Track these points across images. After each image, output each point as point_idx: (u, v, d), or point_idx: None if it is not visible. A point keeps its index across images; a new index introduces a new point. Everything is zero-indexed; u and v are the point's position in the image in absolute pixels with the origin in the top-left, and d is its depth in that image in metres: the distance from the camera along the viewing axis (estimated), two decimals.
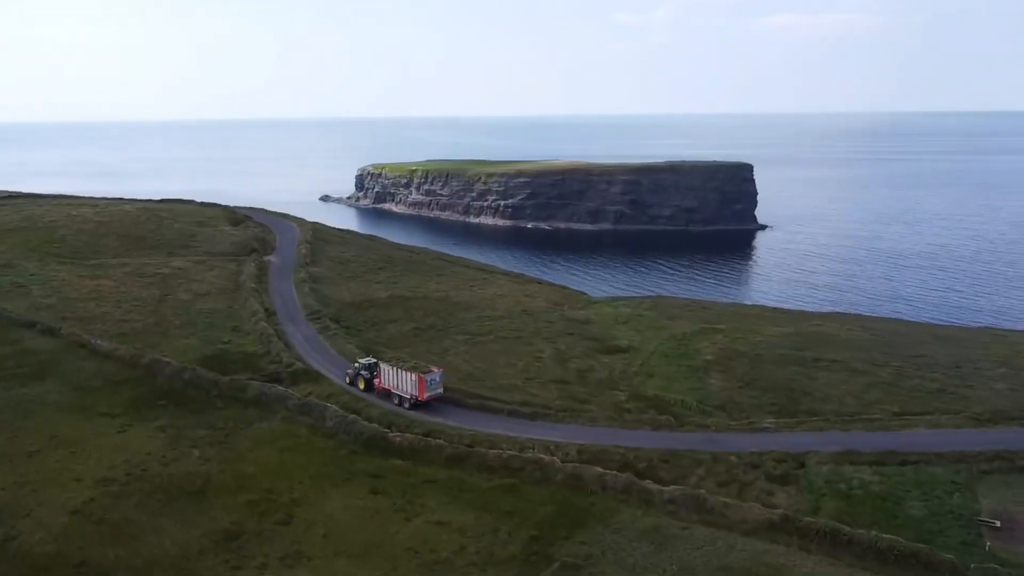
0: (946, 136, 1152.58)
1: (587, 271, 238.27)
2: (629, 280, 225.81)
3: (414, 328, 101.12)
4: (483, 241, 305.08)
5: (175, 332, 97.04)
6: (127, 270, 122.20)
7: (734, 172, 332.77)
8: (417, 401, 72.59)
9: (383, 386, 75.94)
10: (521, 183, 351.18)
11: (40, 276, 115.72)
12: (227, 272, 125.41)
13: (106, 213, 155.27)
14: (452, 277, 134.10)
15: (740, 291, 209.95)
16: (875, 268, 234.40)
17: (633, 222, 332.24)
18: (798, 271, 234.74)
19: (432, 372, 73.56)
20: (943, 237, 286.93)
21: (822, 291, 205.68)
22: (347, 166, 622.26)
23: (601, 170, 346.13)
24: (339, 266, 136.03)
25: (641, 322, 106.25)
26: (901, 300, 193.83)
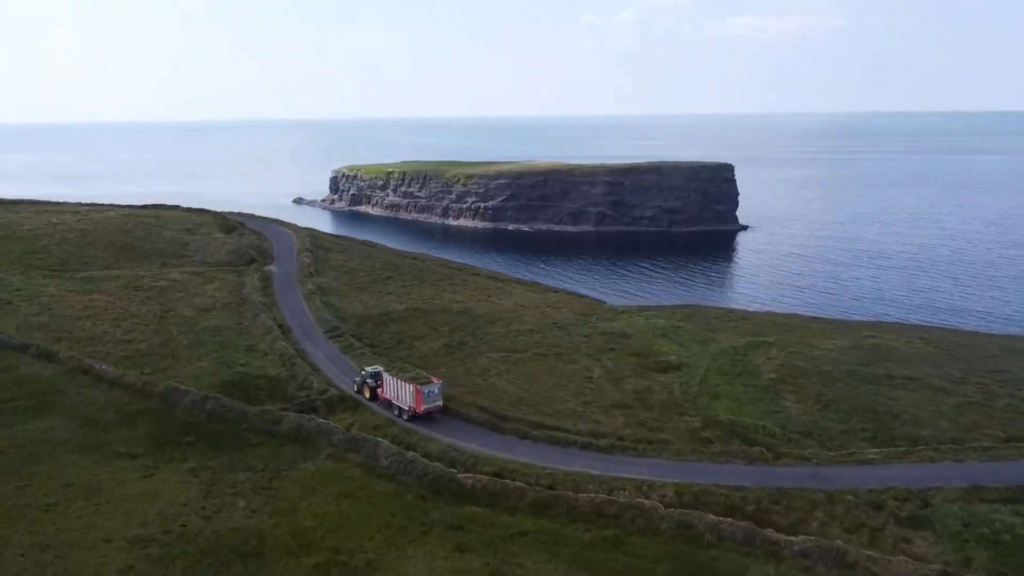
0: (909, 136, 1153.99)
1: (572, 274, 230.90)
2: (615, 283, 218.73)
3: (444, 345, 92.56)
4: (464, 244, 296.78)
5: (185, 353, 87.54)
6: (121, 283, 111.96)
7: (715, 173, 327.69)
8: (414, 413, 68.92)
9: (385, 396, 72.57)
10: (501, 184, 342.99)
11: (26, 291, 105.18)
12: (228, 284, 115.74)
13: (89, 220, 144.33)
14: (466, 286, 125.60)
15: (729, 294, 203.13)
16: (859, 269, 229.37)
17: (615, 223, 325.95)
18: (784, 273, 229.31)
19: (431, 384, 69.64)
20: (921, 236, 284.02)
21: (809, 293, 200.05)
22: (318, 168, 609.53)
23: (582, 171, 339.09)
24: (345, 276, 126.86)
25: (682, 335, 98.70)
26: (889, 303, 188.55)
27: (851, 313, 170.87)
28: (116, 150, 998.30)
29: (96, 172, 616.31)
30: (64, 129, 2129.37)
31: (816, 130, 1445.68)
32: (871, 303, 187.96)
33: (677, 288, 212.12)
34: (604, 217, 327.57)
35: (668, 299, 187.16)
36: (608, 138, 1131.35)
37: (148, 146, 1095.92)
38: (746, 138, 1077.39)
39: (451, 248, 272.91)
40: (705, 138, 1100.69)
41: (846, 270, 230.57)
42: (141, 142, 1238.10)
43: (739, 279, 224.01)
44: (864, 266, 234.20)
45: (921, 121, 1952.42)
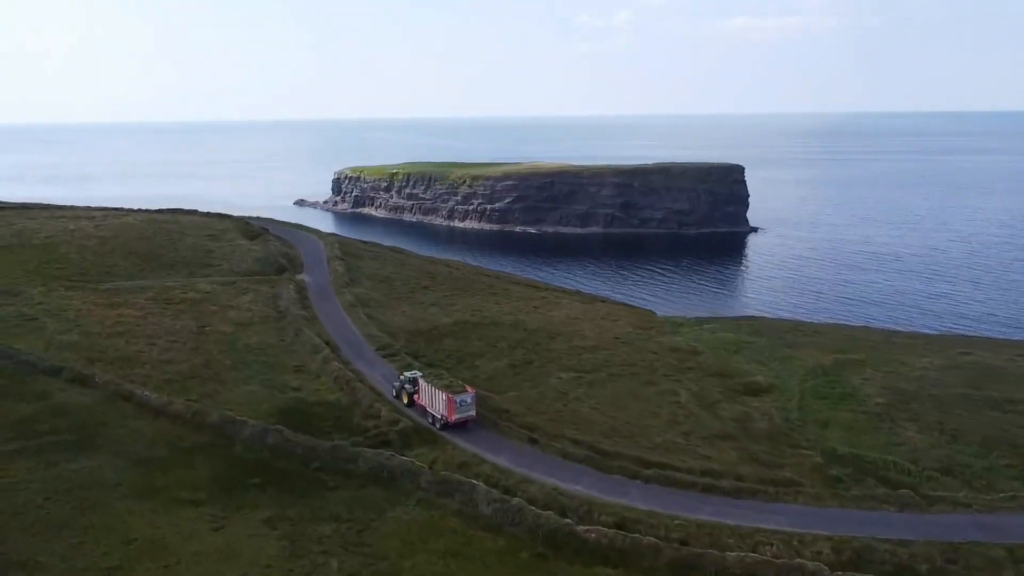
0: (905, 136, 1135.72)
1: (582, 277, 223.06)
2: (629, 288, 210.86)
3: (508, 364, 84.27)
4: (471, 246, 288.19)
5: (230, 375, 78.96)
6: (149, 295, 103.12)
7: (725, 174, 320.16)
8: (447, 422, 65.57)
9: (420, 403, 69.62)
10: (508, 186, 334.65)
11: (50, 305, 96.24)
12: (263, 295, 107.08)
13: (107, 226, 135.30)
14: (509, 296, 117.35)
15: (749, 300, 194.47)
16: (875, 274, 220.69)
17: (624, 225, 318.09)
18: (801, 277, 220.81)
19: (464, 392, 66.18)
20: (932, 239, 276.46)
21: (829, 299, 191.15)
22: (316, 169, 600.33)
23: (590, 172, 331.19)
24: (381, 285, 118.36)
25: (757, 351, 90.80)
26: (910, 308, 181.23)
27: (874, 320, 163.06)
28: (114, 151, 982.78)
29: (96, 173, 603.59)
30: (62, 130, 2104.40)
31: (811, 130, 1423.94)
32: (894, 309, 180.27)
33: (694, 294, 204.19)
34: (613, 219, 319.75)
35: (685, 305, 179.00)
36: (604, 139, 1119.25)
37: (145, 147, 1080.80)
38: (742, 139, 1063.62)
39: (459, 251, 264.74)
40: (700, 138, 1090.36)
41: (861, 274, 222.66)
42: (138, 143, 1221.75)
43: (756, 284, 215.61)
44: (880, 270, 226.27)
45: (915, 121, 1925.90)
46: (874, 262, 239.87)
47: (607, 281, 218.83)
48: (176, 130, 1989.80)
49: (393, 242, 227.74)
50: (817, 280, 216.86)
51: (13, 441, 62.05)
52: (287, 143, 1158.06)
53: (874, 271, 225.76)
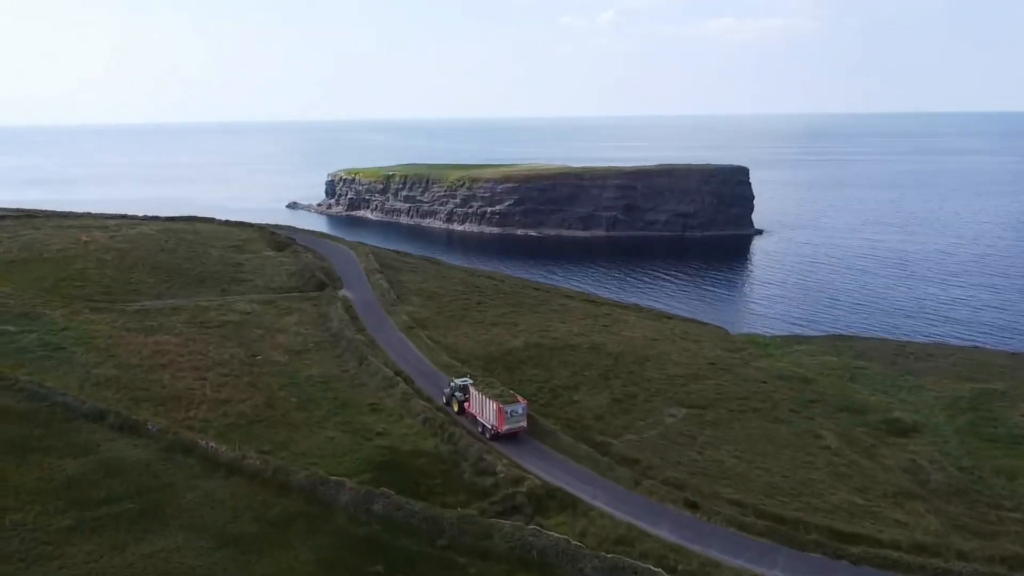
0: (892, 137, 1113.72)
1: (593, 282, 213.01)
2: (641, 291, 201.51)
3: (611, 399, 72.93)
4: (472, 250, 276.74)
5: (299, 417, 66.90)
6: (184, 318, 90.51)
7: (730, 175, 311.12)
8: (497, 432, 62.58)
9: (471, 411, 66.73)
10: (508, 188, 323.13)
11: (76, 331, 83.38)
12: (309, 316, 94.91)
13: (123, 237, 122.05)
14: (569, 313, 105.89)
15: (762, 310, 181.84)
16: (888, 279, 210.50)
17: (628, 228, 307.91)
18: (812, 282, 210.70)
19: (515, 403, 63.11)
20: (940, 241, 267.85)
21: (846, 309, 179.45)
22: (306, 171, 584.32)
23: (593, 174, 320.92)
24: (430, 302, 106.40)
25: (875, 379, 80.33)
26: (931, 314, 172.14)
27: (900, 332, 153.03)
28: (93, 153, 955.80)
29: (79, 176, 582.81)
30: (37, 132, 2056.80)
31: (796, 131, 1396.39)
32: (914, 315, 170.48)
33: (709, 300, 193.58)
34: (616, 222, 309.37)
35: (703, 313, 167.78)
36: (592, 140, 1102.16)
37: (124, 149, 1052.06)
38: (729, 140, 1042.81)
39: (460, 254, 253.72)
40: (687, 140, 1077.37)
41: (874, 279, 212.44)
42: (116, 144, 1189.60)
43: (769, 290, 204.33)
44: (892, 275, 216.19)
45: (898, 122, 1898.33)
46: (885, 266, 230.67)
47: (617, 286, 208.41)
48: (152, 132, 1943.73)
49: (392, 246, 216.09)
50: (830, 285, 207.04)
51: (66, 513, 49.69)
52: (269, 145, 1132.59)
53: (886, 276, 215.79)
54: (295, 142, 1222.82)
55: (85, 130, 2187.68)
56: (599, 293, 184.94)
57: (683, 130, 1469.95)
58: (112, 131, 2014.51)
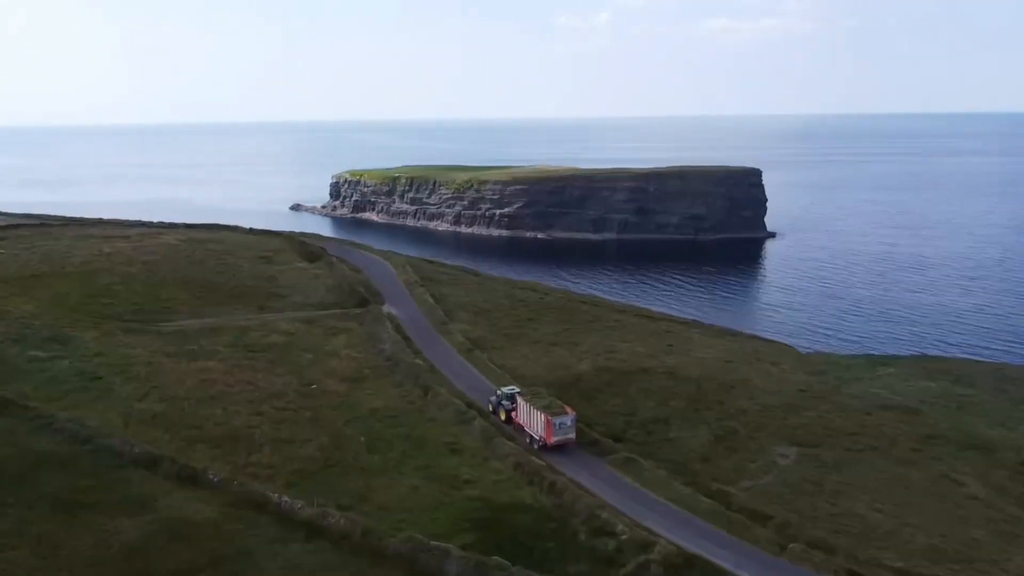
0: (892, 138, 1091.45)
1: (607, 287, 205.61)
2: (658, 297, 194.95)
3: (712, 435, 65.19)
4: (481, 253, 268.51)
5: (372, 461, 59.05)
6: (225, 340, 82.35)
7: (742, 177, 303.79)
8: (545, 444, 60.89)
9: (518, 421, 64.98)
10: (517, 191, 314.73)
11: (111, 357, 75.16)
12: (357, 336, 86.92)
13: (147, 248, 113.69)
14: (626, 330, 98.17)
15: (782, 321, 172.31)
16: (911, 286, 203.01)
17: (639, 231, 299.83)
18: (832, 289, 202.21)
19: (564, 415, 60.96)
20: (956, 245, 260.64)
21: (869, 319, 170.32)
22: (308, 172, 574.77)
23: (603, 176, 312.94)
24: (479, 318, 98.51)
25: (988, 408, 73.03)
26: (956, 322, 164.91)
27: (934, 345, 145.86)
28: (90, 153, 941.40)
29: (77, 177, 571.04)
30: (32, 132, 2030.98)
31: (795, 132, 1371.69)
32: (941, 326, 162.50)
33: (730, 308, 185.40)
34: (627, 224, 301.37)
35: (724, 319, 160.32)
36: (590, 140, 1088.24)
37: (121, 149, 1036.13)
38: (727, 140, 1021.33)
39: (469, 257, 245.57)
40: (686, 139, 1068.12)
41: (895, 286, 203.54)
42: (113, 145, 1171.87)
43: (788, 298, 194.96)
44: (912, 281, 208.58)
45: (897, 123, 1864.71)
46: (904, 271, 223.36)
47: (633, 291, 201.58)
48: (148, 132, 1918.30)
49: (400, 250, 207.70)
50: (853, 293, 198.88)
51: None
52: (264, 146, 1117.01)
53: (907, 282, 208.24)
54: (290, 143, 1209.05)
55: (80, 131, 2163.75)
56: (615, 299, 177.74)
57: (680, 131, 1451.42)
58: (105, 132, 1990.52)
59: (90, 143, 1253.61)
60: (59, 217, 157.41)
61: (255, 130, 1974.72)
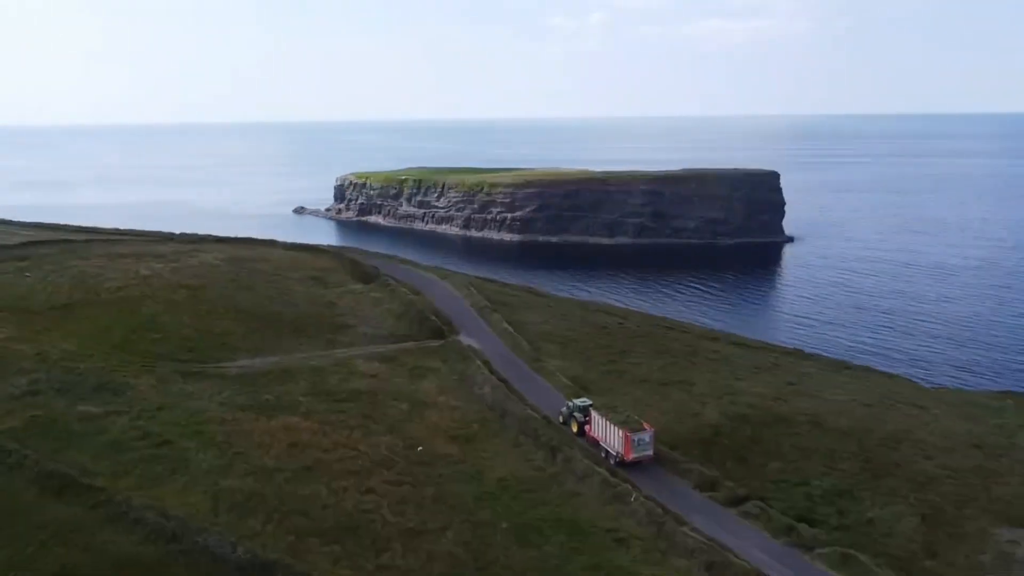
0: (889, 139, 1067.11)
1: (623, 292, 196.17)
2: (682, 305, 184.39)
3: (915, 514, 53.35)
4: (493, 258, 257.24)
5: (528, 559, 47.06)
6: (302, 386, 69.61)
7: (760, 180, 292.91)
8: (622, 460, 58.42)
9: (592, 435, 62.21)
10: (530, 194, 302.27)
11: (177, 411, 62.31)
12: (447, 379, 74.50)
13: (187, 269, 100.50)
14: (732, 363, 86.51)
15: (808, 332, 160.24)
16: (940, 295, 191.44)
17: (655, 235, 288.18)
18: (858, 298, 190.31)
19: (643, 431, 58.86)
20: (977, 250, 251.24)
21: (902, 333, 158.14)
22: (304, 173, 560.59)
23: (618, 179, 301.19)
24: (568, 351, 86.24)
25: None
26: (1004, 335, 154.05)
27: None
28: (83, 154, 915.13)
29: (71, 178, 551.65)
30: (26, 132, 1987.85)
31: (792, 133, 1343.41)
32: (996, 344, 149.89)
33: (756, 320, 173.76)
34: (643, 229, 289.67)
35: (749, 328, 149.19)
36: (585, 141, 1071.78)
37: (113, 150, 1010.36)
38: (725, 141, 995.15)
39: (481, 263, 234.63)
40: (682, 139, 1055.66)
41: (923, 295, 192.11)
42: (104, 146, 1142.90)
43: (815, 308, 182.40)
44: (940, 290, 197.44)
45: (894, 123, 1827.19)
46: (930, 278, 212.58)
47: (654, 300, 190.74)
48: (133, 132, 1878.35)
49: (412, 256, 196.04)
50: (877, 300, 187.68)
51: None
52: (260, 147, 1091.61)
53: (935, 291, 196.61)
54: (282, 143, 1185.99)
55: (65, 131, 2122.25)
56: (635, 306, 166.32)
57: (674, 131, 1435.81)
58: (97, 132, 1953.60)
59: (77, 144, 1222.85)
60: (77, 227, 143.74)
61: (243, 131, 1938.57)
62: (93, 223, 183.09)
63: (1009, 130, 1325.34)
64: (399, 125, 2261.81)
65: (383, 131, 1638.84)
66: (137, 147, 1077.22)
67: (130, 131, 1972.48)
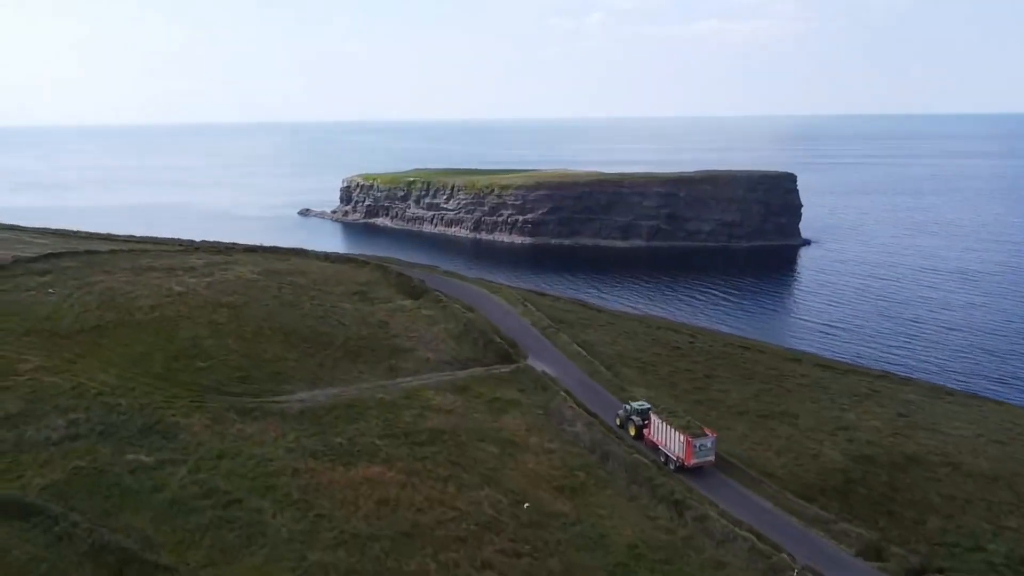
0: (890, 140, 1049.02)
1: (639, 297, 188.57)
2: (695, 309, 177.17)
3: None
4: (503, 262, 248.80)
5: None
6: (376, 426, 60.58)
7: (776, 182, 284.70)
8: (683, 465, 56.66)
9: (651, 439, 60.40)
10: (541, 196, 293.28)
11: (241, 461, 53.30)
12: (529, 412, 65.72)
13: (221, 285, 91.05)
14: (827, 390, 78.07)
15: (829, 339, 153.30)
16: (967, 302, 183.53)
17: (669, 238, 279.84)
18: (876, 303, 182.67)
19: (704, 436, 56.60)
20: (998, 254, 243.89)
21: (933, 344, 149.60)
22: (306, 175, 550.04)
23: (632, 181, 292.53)
24: (648, 375, 77.61)
25: None
26: None
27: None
28: (81, 155, 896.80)
29: (71, 180, 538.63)
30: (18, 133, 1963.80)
31: (791, 133, 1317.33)
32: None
33: (779, 327, 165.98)
34: (657, 231, 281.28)
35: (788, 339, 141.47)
36: (585, 142, 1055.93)
37: (111, 151, 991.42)
38: (725, 141, 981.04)
39: (492, 267, 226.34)
40: (681, 140, 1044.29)
41: (949, 302, 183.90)
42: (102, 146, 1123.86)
43: (840, 313, 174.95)
44: (965, 296, 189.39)
45: (891, 124, 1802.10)
46: (954, 283, 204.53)
47: (673, 306, 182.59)
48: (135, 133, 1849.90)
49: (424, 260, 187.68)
50: (903, 307, 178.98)
51: None
52: (256, 147, 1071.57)
53: (961, 297, 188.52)
54: (285, 144, 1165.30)
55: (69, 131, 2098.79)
56: (654, 312, 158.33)
57: (676, 132, 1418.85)
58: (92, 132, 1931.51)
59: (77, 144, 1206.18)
60: (89, 234, 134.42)
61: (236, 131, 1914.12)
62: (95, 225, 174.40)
63: (1008, 130, 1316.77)
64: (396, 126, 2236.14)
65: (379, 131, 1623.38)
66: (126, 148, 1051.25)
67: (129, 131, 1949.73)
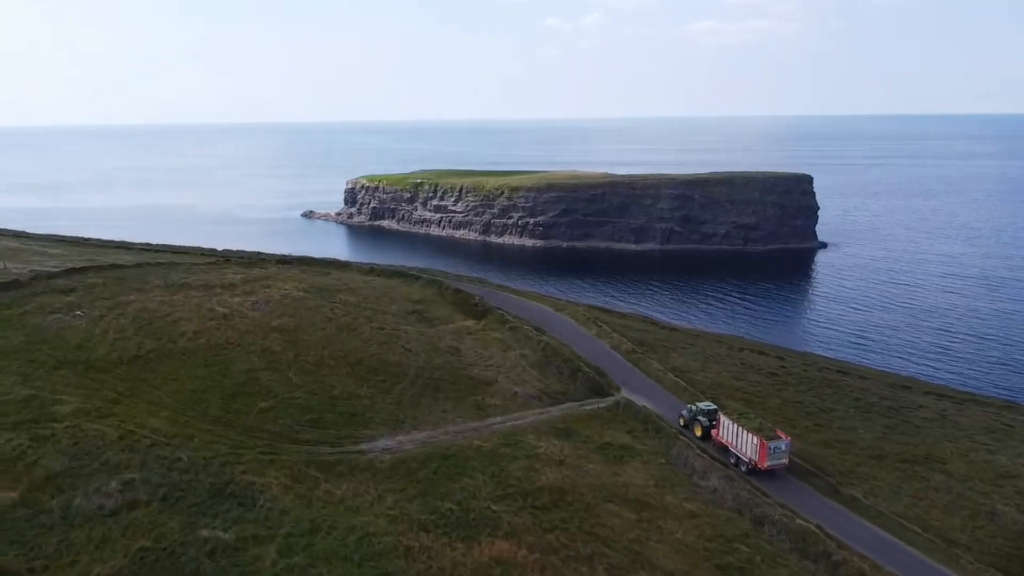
0: (890, 140, 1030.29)
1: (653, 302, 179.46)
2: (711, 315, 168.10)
3: None
4: (514, 265, 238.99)
5: None
6: (484, 486, 50.38)
7: (793, 184, 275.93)
8: (755, 467, 54.72)
9: (720, 440, 58.12)
10: (552, 198, 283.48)
11: (338, 536, 43.17)
12: (644, 459, 55.71)
13: (268, 305, 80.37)
14: (957, 427, 68.33)
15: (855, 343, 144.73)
16: (997, 310, 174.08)
17: (684, 241, 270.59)
18: (899, 309, 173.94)
19: (778, 439, 54.78)
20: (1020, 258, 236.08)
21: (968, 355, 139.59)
22: (307, 176, 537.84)
23: (645, 183, 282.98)
24: (758, 409, 67.67)
25: None
26: None
27: None
28: (77, 156, 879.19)
29: (68, 181, 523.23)
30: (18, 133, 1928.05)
31: (790, 134, 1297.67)
32: None
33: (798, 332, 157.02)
34: (671, 234, 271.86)
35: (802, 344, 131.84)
36: (583, 142, 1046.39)
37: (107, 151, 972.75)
38: (725, 142, 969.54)
39: (501, 270, 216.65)
40: (680, 141, 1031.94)
41: (977, 309, 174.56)
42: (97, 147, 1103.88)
43: (867, 318, 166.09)
44: (993, 303, 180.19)
45: (889, 124, 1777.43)
46: (979, 289, 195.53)
47: (692, 312, 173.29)
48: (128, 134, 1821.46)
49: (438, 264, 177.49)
50: (930, 315, 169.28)
51: None
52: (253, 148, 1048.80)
53: (987, 305, 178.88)
54: (285, 144, 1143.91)
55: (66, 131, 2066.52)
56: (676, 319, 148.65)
57: (674, 132, 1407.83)
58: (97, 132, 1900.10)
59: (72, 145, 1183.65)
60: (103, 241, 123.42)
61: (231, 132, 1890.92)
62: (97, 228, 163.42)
63: (1011, 131, 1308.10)
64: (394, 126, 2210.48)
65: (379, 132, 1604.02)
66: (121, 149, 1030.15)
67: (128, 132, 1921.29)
